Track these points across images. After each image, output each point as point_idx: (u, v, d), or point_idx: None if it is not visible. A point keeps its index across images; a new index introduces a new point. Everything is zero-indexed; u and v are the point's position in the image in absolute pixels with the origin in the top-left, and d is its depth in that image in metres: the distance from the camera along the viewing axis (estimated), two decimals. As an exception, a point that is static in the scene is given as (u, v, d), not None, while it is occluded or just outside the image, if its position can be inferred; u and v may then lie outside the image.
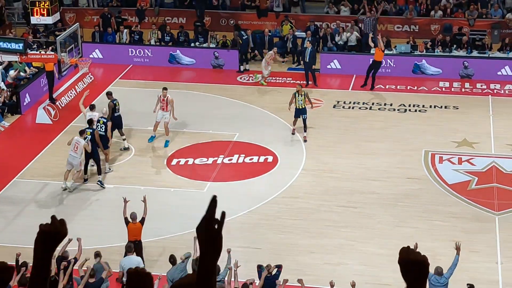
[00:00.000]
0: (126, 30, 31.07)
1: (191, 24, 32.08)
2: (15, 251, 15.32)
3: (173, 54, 29.95)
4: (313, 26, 30.56)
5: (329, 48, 30.17)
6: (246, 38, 29.64)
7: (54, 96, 26.16)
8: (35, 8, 23.58)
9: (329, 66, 28.99)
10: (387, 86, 27.56)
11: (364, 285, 16.05)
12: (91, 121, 21.23)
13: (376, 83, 27.61)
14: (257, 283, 14.80)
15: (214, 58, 29.63)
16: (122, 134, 22.83)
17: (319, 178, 21.21)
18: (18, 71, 26.55)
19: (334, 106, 26.04)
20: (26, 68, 27.14)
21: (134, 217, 16.66)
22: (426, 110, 25.66)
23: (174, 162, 22.23)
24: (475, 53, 29.30)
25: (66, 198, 20.34)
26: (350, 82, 28.14)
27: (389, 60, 28.34)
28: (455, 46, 29.62)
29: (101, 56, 30.07)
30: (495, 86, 27.66)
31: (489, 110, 25.65)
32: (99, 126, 21.36)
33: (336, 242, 18.16)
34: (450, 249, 15.43)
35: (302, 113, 23.15)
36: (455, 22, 31.48)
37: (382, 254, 17.29)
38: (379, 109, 25.84)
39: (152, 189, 19.95)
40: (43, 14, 23.63)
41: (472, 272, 16.79)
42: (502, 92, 27.31)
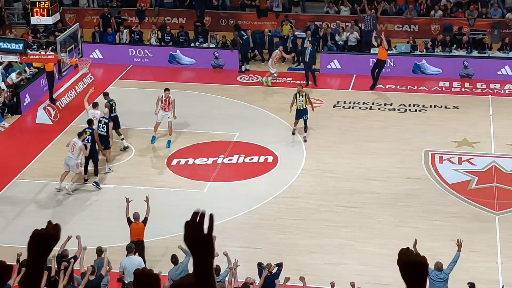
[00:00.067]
0: (126, 30, 31.07)
1: (191, 24, 32.07)
2: (15, 251, 15.30)
3: (173, 54, 29.95)
4: (313, 26, 30.55)
5: (329, 48, 30.16)
6: (246, 38, 29.63)
7: (54, 96, 26.16)
8: (35, 8, 23.60)
9: (329, 66, 28.99)
10: (387, 86, 27.56)
11: (364, 285, 16.03)
12: (91, 121, 21.21)
13: (377, 83, 27.62)
14: (257, 283, 14.77)
15: (214, 58, 29.63)
16: (119, 134, 22.82)
17: (319, 178, 21.21)
18: (20, 74, 26.48)
19: (334, 106, 26.05)
20: (26, 68, 27.14)
21: (136, 217, 16.66)
22: (426, 110, 25.66)
23: (174, 162, 22.23)
24: (475, 53, 29.30)
25: (66, 199, 20.33)
26: (350, 82, 28.14)
27: (389, 60, 28.29)
28: (455, 46, 29.62)
29: (101, 56, 30.07)
30: (495, 85, 27.65)
31: (489, 110, 25.65)
32: (100, 126, 21.35)
33: (336, 242, 18.15)
34: (450, 248, 15.42)
35: (304, 113, 23.10)
36: (455, 22, 31.49)
37: (382, 254, 17.28)
38: (379, 109, 25.84)
39: (152, 189, 19.93)
40: (43, 15, 23.65)
41: (472, 271, 16.79)
42: (502, 91, 27.30)
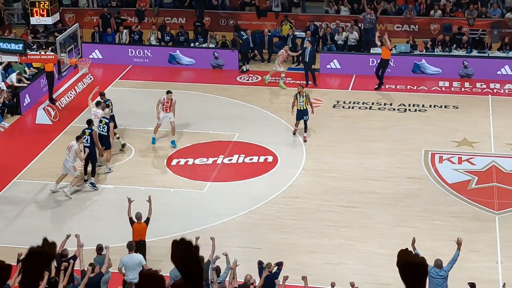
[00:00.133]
0: (125, 31, 31.07)
1: (191, 24, 32.06)
2: (15, 251, 15.27)
3: (172, 54, 29.95)
4: (312, 26, 30.55)
5: (328, 47, 30.15)
6: (246, 38, 29.62)
7: (54, 96, 26.15)
8: (35, 8, 23.60)
9: (328, 66, 28.99)
10: (387, 86, 27.54)
11: (364, 284, 16.04)
12: (90, 121, 21.19)
13: (375, 83, 27.58)
14: (257, 282, 14.75)
15: (213, 58, 29.62)
16: (114, 134, 22.72)
17: (319, 178, 21.21)
18: (20, 75, 26.45)
19: (334, 106, 26.04)
20: (26, 68, 27.13)
21: (139, 217, 16.63)
22: (426, 110, 25.66)
23: (174, 162, 22.22)
24: (475, 52, 29.30)
25: (66, 199, 20.31)
26: (350, 82, 28.14)
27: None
28: (455, 45, 29.62)
29: (100, 56, 30.07)
30: (495, 85, 27.65)
31: (489, 110, 25.65)
32: (101, 126, 21.34)
33: (336, 242, 18.15)
34: (450, 248, 15.42)
35: (304, 114, 23.04)
36: (455, 21, 31.48)
37: (382, 254, 17.29)
38: (379, 109, 25.84)
39: (152, 189, 19.91)
40: (43, 15, 23.65)
41: (472, 271, 16.79)
42: (502, 91, 27.30)
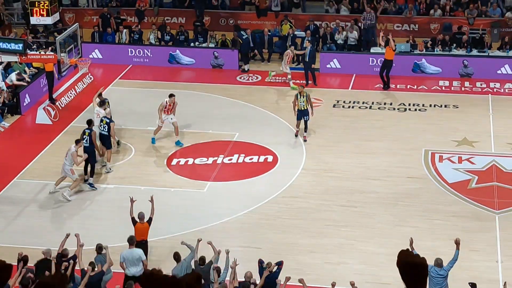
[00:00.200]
0: (125, 30, 31.06)
1: (191, 24, 32.07)
2: (15, 251, 15.28)
3: (172, 54, 29.94)
4: (312, 25, 30.56)
5: (328, 47, 30.13)
6: (246, 37, 29.62)
7: (54, 96, 26.15)
8: (35, 8, 23.60)
9: (328, 66, 28.99)
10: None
11: (364, 284, 16.04)
12: (90, 121, 21.20)
13: (375, 82, 27.64)
14: (257, 281, 14.72)
15: (213, 58, 29.62)
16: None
17: (319, 178, 21.21)
18: (20, 75, 26.44)
19: (334, 106, 26.05)
20: (26, 68, 27.13)
21: (141, 217, 16.59)
22: (426, 109, 25.66)
23: (174, 162, 22.22)
24: (475, 52, 29.30)
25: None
26: (350, 81, 28.14)
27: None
28: (455, 45, 29.62)
29: (100, 56, 30.07)
30: (495, 85, 27.66)
31: (489, 109, 25.65)
32: (102, 125, 21.34)
33: (336, 242, 18.15)
34: (451, 248, 15.40)
35: (305, 114, 23.00)
36: (455, 21, 31.48)
37: (382, 254, 17.29)
38: (379, 108, 25.83)
39: (152, 189, 19.90)
40: (43, 15, 23.64)
41: (472, 270, 16.79)
42: (502, 91, 27.30)
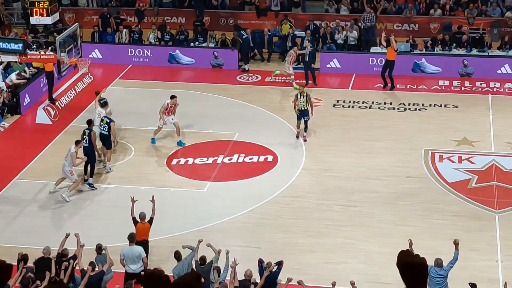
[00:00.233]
0: (125, 30, 31.06)
1: (191, 23, 32.06)
2: (15, 251, 15.27)
3: (172, 54, 29.94)
4: (312, 25, 30.55)
5: (328, 47, 30.11)
6: (247, 37, 29.61)
7: (53, 96, 26.16)
8: (34, 8, 23.60)
9: (328, 65, 28.98)
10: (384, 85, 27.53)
11: (364, 284, 16.04)
12: (90, 121, 21.20)
13: (375, 82, 27.64)
14: (257, 280, 14.71)
15: (213, 57, 29.62)
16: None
17: (319, 177, 21.21)
18: (20, 75, 26.43)
19: (334, 105, 26.04)
20: (26, 68, 27.12)
21: (143, 217, 16.57)
22: (426, 109, 25.66)
23: (174, 162, 22.22)
24: (475, 51, 29.30)
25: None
26: (350, 81, 28.14)
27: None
28: (455, 44, 29.61)
29: (100, 56, 30.06)
30: (495, 84, 27.66)
31: (489, 109, 25.65)
32: (102, 125, 21.34)
33: (336, 241, 18.14)
34: (451, 247, 15.38)
35: (305, 114, 22.96)
36: (455, 20, 31.47)
37: (383, 253, 17.29)
38: (379, 108, 25.83)
39: (152, 189, 19.91)
40: (43, 14, 23.64)
41: (472, 270, 16.78)
42: (502, 90, 27.30)
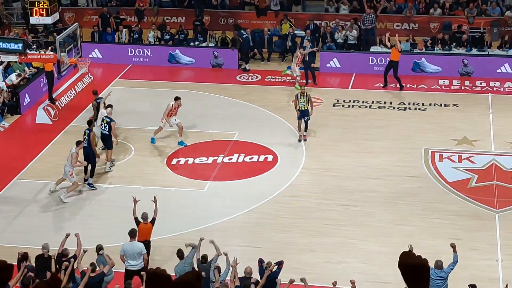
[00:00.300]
0: (125, 30, 31.05)
1: (190, 23, 32.06)
2: (15, 251, 15.28)
3: (172, 53, 29.93)
4: (312, 24, 30.55)
5: (328, 46, 30.09)
6: (247, 37, 29.60)
7: (53, 96, 26.15)
8: (34, 8, 23.59)
9: (328, 65, 28.98)
10: (381, 85, 27.50)
11: (364, 283, 16.05)
12: (91, 122, 21.20)
13: (375, 82, 27.64)
14: (257, 278, 14.72)
15: (213, 57, 29.61)
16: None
17: (319, 177, 21.21)
18: (20, 76, 26.41)
19: (334, 105, 26.04)
20: (26, 68, 27.12)
21: (145, 217, 16.56)
22: (426, 108, 25.66)
23: (174, 161, 22.21)
24: (475, 51, 29.29)
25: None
26: (350, 80, 28.13)
27: (388, 58, 28.27)
28: (455, 44, 29.60)
29: (100, 56, 30.05)
30: (495, 83, 27.65)
31: (488, 108, 25.65)
32: (103, 125, 21.34)
33: (336, 241, 18.15)
34: (451, 247, 15.42)
35: (305, 114, 22.91)
36: (455, 20, 31.47)
37: (383, 252, 17.30)
38: (379, 107, 25.83)
39: (152, 188, 19.92)
40: (42, 14, 23.63)
41: (472, 269, 16.78)
42: (502, 89, 27.30)
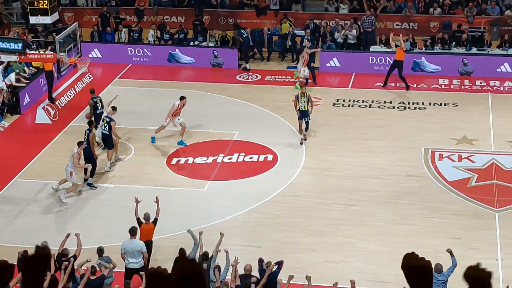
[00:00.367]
0: (125, 29, 31.04)
1: (190, 23, 32.05)
2: (15, 251, 15.27)
3: (172, 53, 29.93)
4: (312, 24, 30.55)
5: (328, 46, 30.09)
6: (247, 36, 29.60)
7: (53, 95, 26.15)
8: (34, 8, 23.57)
9: (328, 64, 28.97)
10: (381, 84, 27.49)
11: (364, 282, 16.05)
12: (91, 122, 21.19)
13: (375, 81, 27.65)
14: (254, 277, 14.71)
15: (213, 57, 29.61)
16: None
17: (319, 176, 21.21)
18: (19, 75, 26.41)
19: (334, 104, 26.04)
20: (25, 68, 27.12)
21: (147, 217, 16.53)
22: (425, 108, 25.67)
23: (174, 161, 22.21)
24: (474, 50, 29.30)
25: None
26: (350, 80, 28.13)
27: (388, 57, 28.32)
28: (454, 43, 29.61)
29: (100, 55, 30.04)
30: (495, 83, 27.65)
31: (488, 107, 25.65)
32: (103, 125, 21.33)
33: (336, 240, 18.15)
34: (451, 246, 15.43)
35: (306, 115, 22.88)
36: (454, 19, 31.48)
37: (383, 252, 17.31)
38: (379, 107, 25.83)
39: (152, 188, 19.92)
40: (42, 14, 23.61)
41: (472, 269, 16.76)
42: (502, 89, 27.30)
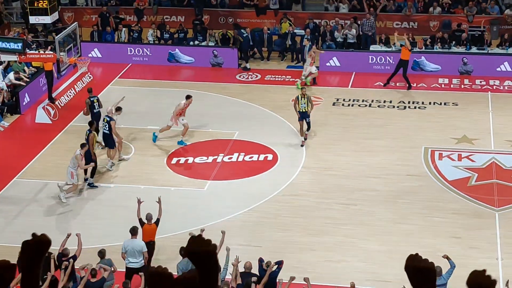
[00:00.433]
0: (124, 29, 31.04)
1: (190, 22, 32.05)
2: (15, 251, 15.19)
3: (172, 52, 29.92)
4: (312, 23, 30.54)
5: (328, 45, 30.09)
6: (247, 36, 29.60)
7: (53, 95, 26.15)
8: (34, 7, 23.58)
9: (328, 64, 28.97)
10: (381, 83, 27.51)
11: (364, 282, 16.07)
12: (92, 122, 21.19)
13: (375, 80, 27.64)
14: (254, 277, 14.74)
15: (213, 56, 29.61)
16: (98, 131, 22.40)
17: (319, 176, 21.21)
18: (18, 74, 26.42)
19: (334, 104, 26.04)
20: (25, 68, 27.12)
21: (149, 218, 16.55)
22: (425, 107, 25.67)
23: (174, 161, 22.22)
24: (474, 49, 29.30)
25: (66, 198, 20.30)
26: (350, 79, 28.13)
27: (388, 57, 28.33)
28: (454, 42, 29.60)
29: (100, 55, 30.03)
30: (494, 82, 27.65)
31: (488, 106, 25.66)
32: (104, 124, 21.34)
33: (336, 240, 18.16)
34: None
35: (306, 116, 22.82)
36: (454, 18, 31.48)
37: (383, 251, 17.32)
38: (379, 106, 25.83)
39: (152, 188, 19.93)
40: (42, 14, 23.63)
41: (472, 268, 16.60)
42: (502, 88, 27.29)
